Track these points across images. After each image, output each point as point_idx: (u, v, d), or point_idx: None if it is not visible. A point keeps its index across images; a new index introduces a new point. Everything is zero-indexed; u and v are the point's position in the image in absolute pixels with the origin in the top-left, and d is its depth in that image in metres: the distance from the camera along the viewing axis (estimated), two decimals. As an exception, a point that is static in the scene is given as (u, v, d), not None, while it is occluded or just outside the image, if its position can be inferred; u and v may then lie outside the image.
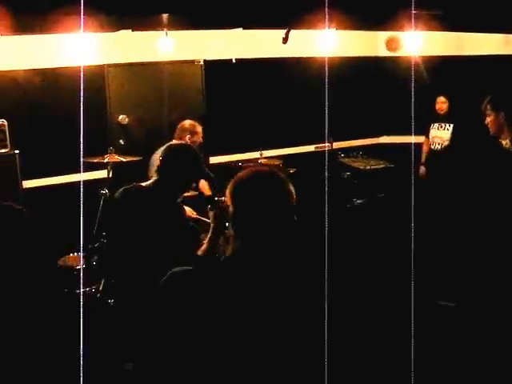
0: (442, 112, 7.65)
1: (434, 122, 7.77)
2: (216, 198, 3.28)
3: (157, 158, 5.60)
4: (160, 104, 6.73)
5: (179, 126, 5.84)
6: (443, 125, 7.68)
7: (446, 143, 7.54)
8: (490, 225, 4.09)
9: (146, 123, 6.72)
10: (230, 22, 6.25)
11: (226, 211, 2.05)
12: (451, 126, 7.58)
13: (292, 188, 2.03)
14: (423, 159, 7.84)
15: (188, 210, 5.37)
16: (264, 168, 2.36)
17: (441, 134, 7.67)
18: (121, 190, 3.74)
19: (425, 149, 7.85)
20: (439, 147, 7.64)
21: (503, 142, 4.28)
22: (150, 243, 3.48)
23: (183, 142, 5.66)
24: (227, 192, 2.05)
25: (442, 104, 7.65)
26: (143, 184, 3.72)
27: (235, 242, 2.02)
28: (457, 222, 4.32)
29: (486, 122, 4.29)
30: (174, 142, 5.68)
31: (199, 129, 5.81)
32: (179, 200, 3.78)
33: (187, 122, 5.86)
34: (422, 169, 7.76)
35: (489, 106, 4.23)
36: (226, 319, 1.90)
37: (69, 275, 5.51)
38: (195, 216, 5.39)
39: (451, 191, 6.06)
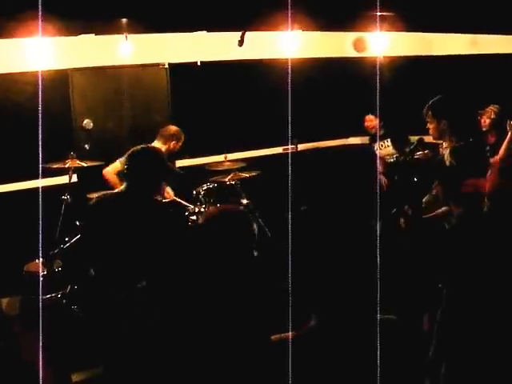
0: (374, 130, 7.61)
1: (373, 143, 7.64)
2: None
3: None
4: (125, 108, 6.69)
5: (165, 131, 5.75)
6: (382, 143, 7.63)
7: (396, 155, 7.29)
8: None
9: (111, 128, 6.68)
10: (192, 25, 6.21)
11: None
12: (388, 140, 7.56)
13: (255, 228, 2.49)
14: (381, 169, 7.64)
15: (166, 191, 5.42)
16: (233, 208, 3.07)
17: (386, 152, 7.55)
18: (93, 199, 3.81)
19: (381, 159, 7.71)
20: (392, 161, 7.39)
21: (442, 149, 4.24)
22: (130, 247, 3.45)
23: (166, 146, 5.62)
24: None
25: (370, 122, 7.66)
26: (115, 191, 3.75)
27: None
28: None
29: (428, 127, 4.21)
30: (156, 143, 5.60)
31: (183, 136, 5.79)
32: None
33: (173, 128, 5.78)
34: (383, 178, 7.54)
35: (430, 113, 4.14)
36: None
37: (34, 281, 5.47)
38: (173, 198, 5.42)
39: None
